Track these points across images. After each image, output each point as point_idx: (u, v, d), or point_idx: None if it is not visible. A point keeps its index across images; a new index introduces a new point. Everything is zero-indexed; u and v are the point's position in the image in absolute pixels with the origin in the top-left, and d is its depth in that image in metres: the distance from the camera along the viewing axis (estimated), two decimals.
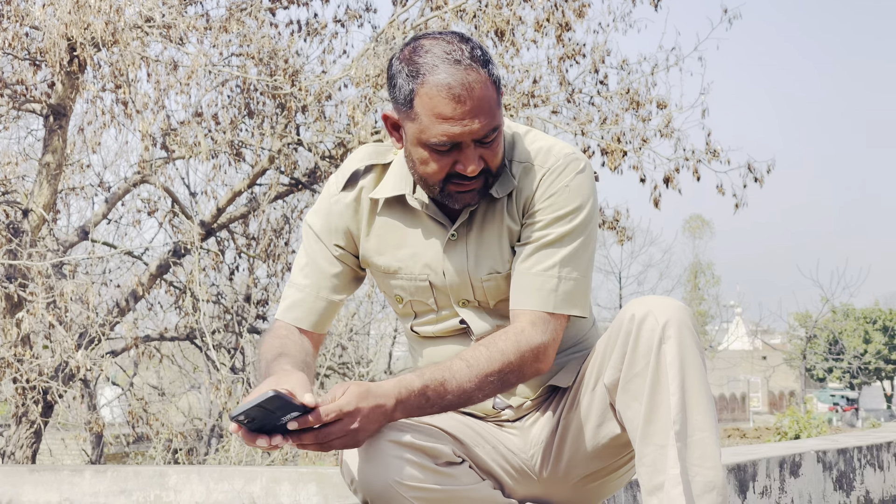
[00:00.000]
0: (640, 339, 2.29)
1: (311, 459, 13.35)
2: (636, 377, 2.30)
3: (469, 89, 2.30)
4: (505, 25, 10.11)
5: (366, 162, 2.54)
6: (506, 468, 2.52)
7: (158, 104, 10.12)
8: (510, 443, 2.55)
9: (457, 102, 2.29)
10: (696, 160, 11.04)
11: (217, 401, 11.56)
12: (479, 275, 2.49)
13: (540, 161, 2.47)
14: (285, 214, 12.35)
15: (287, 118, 10.53)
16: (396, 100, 2.38)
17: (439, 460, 2.32)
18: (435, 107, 2.30)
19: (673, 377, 2.27)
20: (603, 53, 11.08)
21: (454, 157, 2.34)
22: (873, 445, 5.96)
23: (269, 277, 12.55)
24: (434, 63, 2.32)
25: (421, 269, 2.51)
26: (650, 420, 2.29)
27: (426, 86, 2.31)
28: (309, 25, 11.33)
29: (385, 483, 2.25)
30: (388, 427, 2.27)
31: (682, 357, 2.28)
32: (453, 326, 2.54)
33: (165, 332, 12.18)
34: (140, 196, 11.94)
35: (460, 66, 2.31)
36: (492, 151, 2.36)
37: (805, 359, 45.08)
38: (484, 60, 2.35)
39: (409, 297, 2.55)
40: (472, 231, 2.49)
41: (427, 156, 2.35)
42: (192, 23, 9.82)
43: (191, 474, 5.05)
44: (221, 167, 11.18)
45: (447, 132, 2.31)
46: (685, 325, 2.29)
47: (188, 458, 12.05)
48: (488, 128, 2.33)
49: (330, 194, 2.55)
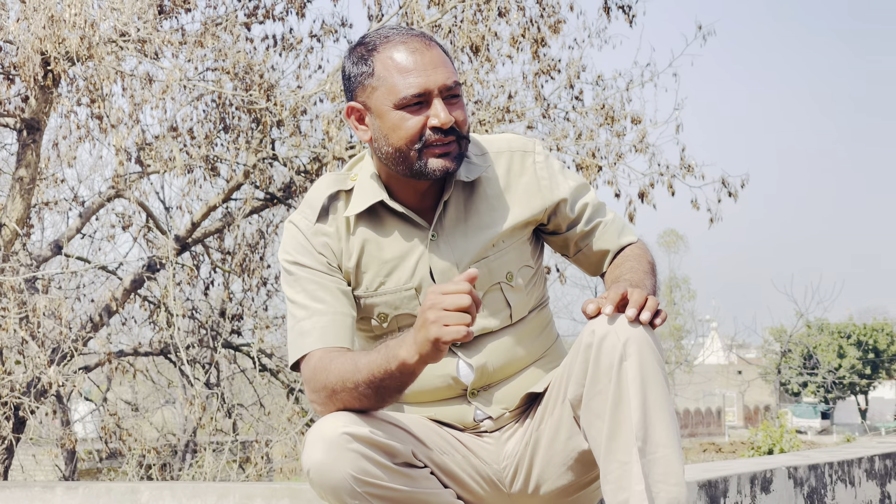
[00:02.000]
0: (601, 357, 2.29)
1: (286, 475, 13.32)
2: (598, 395, 2.31)
3: (424, 43, 2.44)
4: (480, 41, 10.13)
5: (331, 190, 2.55)
6: (475, 478, 2.53)
7: (133, 119, 10.10)
8: (484, 453, 2.55)
9: (416, 55, 2.42)
10: (671, 175, 11.08)
11: (191, 416, 11.52)
12: (467, 262, 2.53)
13: (497, 147, 2.60)
14: (260, 229, 12.32)
15: (262, 133, 10.53)
16: (359, 83, 2.47)
17: (397, 459, 2.32)
18: (397, 63, 2.42)
19: (634, 394, 2.27)
20: (578, 69, 11.12)
21: (425, 114, 2.41)
22: (844, 461, 5.98)
23: (244, 292, 12.52)
24: (384, 35, 2.47)
25: (406, 278, 2.51)
26: (613, 437, 2.29)
27: (383, 51, 2.44)
28: (284, 40, 11.33)
29: (339, 476, 2.25)
30: (349, 420, 2.28)
31: (643, 374, 2.28)
32: None
33: (139, 347, 12.12)
34: (114, 210, 11.88)
35: (407, 31, 2.47)
36: (458, 109, 2.45)
37: (780, 373, 45.25)
38: (432, 38, 2.48)
39: (394, 311, 2.54)
40: (451, 223, 2.53)
41: (398, 118, 2.42)
42: (168, 37, 9.80)
43: (163, 490, 5.02)
44: (196, 182, 11.16)
45: (413, 83, 2.40)
46: (646, 342, 2.29)
47: (161, 474, 11.99)
48: (451, 80, 2.43)
49: (304, 231, 2.53)
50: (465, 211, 2.53)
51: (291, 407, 12.28)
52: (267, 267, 12.61)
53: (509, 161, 2.57)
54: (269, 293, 12.85)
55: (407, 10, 10.45)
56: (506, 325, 2.56)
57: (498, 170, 2.57)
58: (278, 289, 13.02)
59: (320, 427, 2.30)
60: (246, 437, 12.56)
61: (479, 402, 2.56)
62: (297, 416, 12.19)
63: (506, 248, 2.55)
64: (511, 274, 2.56)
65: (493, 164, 2.57)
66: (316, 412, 2.45)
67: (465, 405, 2.56)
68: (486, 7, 10.35)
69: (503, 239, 2.54)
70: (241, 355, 13.01)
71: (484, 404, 2.56)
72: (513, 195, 2.56)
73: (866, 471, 6.23)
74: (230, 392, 13.18)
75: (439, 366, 2.50)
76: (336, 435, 2.25)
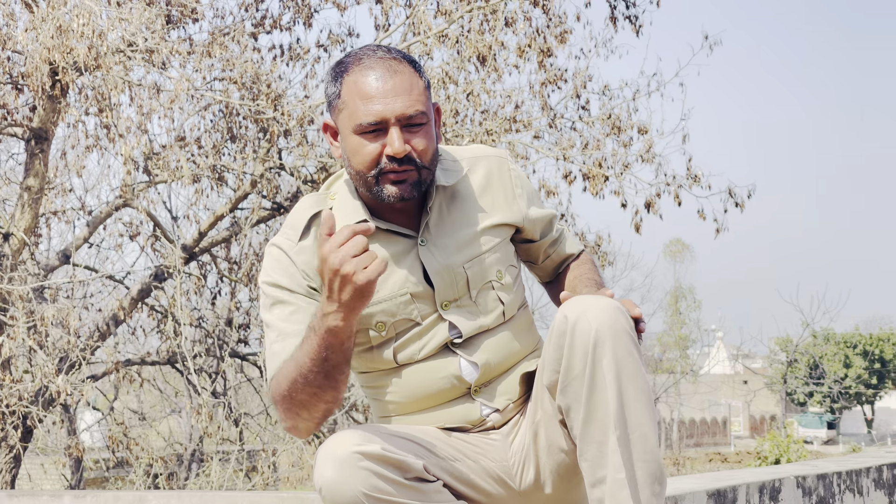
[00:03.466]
0: (575, 342, 2.35)
1: (292, 484, 13.31)
2: (574, 380, 2.36)
3: (389, 70, 2.44)
4: (487, 51, 10.15)
5: (312, 210, 2.57)
6: (488, 481, 2.54)
7: (141, 128, 10.12)
8: (493, 451, 2.57)
9: (378, 82, 2.42)
10: (678, 185, 11.08)
11: (198, 425, 11.53)
12: (460, 262, 2.55)
13: (472, 154, 2.66)
14: (267, 238, 12.34)
15: (269, 142, 10.54)
16: (330, 103, 2.51)
17: (408, 475, 2.33)
18: (359, 89, 2.43)
19: (611, 380, 2.32)
20: (585, 79, 11.13)
21: (382, 142, 2.43)
22: (853, 471, 5.98)
23: (250, 301, 12.53)
24: (358, 56, 2.49)
25: (400, 284, 2.53)
26: (589, 420, 2.35)
27: (351, 73, 2.46)
28: (291, 50, 11.35)
29: (352, 494, 2.26)
30: (361, 438, 2.30)
31: (617, 358, 2.33)
32: (438, 342, 2.55)
33: (147, 356, 12.13)
34: (122, 220, 11.91)
35: (383, 58, 2.47)
36: (419, 138, 2.45)
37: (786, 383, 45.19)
38: (409, 59, 2.49)
39: (392, 318, 2.55)
40: (436, 227, 2.56)
41: (358, 143, 2.44)
42: (175, 47, 9.83)
43: (171, 499, 5.03)
44: (203, 191, 11.17)
45: (370, 110, 2.41)
46: (619, 326, 2.35)
47: (168, 484, 12.00)
48: (412, 109, 2.43)
49: (286, 250, 2.54)
50: (448, 213, 2.57)
51: None
52: None
53: (488, 166, 2.64)
54: None
55: (414, 20, 10.48)
56: (500, 322, 2.60)
57: (477, 173, 2.63)
58: None
59: (331, 445, 2.31)
60: (252, 446, 12.57)
61: (483, 398, 2.58)
62: None
63: (493, 248, 2.60)
64: (500, 272, 2.60)
65: (470, 168, 2.63)
66: (292, 433, 2.48)
67: (471, 402, 2.58)
68: (493, 17, 10.36)
69: (489, 237, 2.59)
70: (248, 364, 13.02)
71: (488, 399, 2.58)
72: (493, 197, 2.62)
73: (874, 480, 6.22)
74: (237, 401, 13.20)
75: (442, 367, 2.54)
76: (347, 453, 2.27)
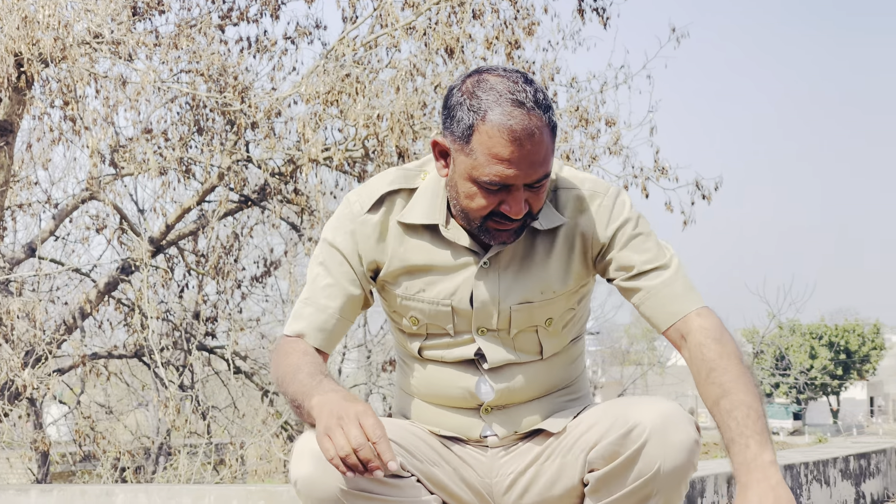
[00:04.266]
0: (637, 463, 2.32)
1: (260, 477, 13.27)
2: (616, 487, 2.36)
3: (529, 135, 2.28)
4: (455, 43, 10.13)
5: (394, 186, 2.51)
6: (463, 488, 2.52)
7: (107, 120, 10.05)
8: (476, 463, 2.55)
9: (515, 147, 2.27)
10: (645, 177, 11.12)
11: (165, 419, 11.47)
12: (509, 303, 2.48)
13: (589, 188, 2.49)
14: (235, 231, 12.30)
15: (236, 135, 10.50)
16: (452, 131, 2.35)
17: (385, 472, 2.33)
18: (493, 146, 2.28)
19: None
20: (552, 71, 11.14)
21: (501, 197, 2.33)
22: (819, 461, 6.02)
23: (218, 294, 12.49)
24: (497, 101, 2.30)
25: (446, 294, 2.49)
26: None
27: (487, 123, 2.29)
28: (258, 42, 11.30)
29: (330, 490, 2.26)
30: None
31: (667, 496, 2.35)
32: (464, 356, 2.52)
33: (114, 349, 12.07)
34: (88, 213, 11.83)
35: (523, 109, 2.29)
36: (537, 196, 2.36)
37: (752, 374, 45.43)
38: (546, 106, 2.32)
39: (427, 319, 2.53)
40: (505, 259, 2.49)
41: (474, 191, 2.34)
42: (142, 39, 9.77)
43: (138, 493, 5.01)
44: (170, 184, 11.11)
45: (500, 174, 2.29)
46: (685, 473, 2.35)
47: (136, 477, 11.94)
48: (540, 174, 2.32)
49: (353, 214, 2.51)
50: (525, 252, 2.49)
51: (266, 409, 12.27)
52: (241, 269, 12.58)
53: (598, 210, 2.48)
54: (244, 295, 12.83)
55: (381, 11, 10.45)
56: (535, 359, 2.56)
57: (580, 218, 2.48)
58: (252, 291, 13.00)
59: (309, 440, 2.31)
60: (220, 439, 12.53)
61: (490, 420, 2.55)
62: (272, 418, 12.18)
63: (551, 299, 2.51)
64: (551, 320, 2.53)
65: (575, 211, 2.49)
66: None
67: (477, 420, 2.55)
68: (461, 9, 10.36)
69: (554, 289, 2.50)
70: (216, 357, 12.98)
71: (496, 421, 2.55)
72: (581, 250, 2.49)
73: (841, 471, 6.26)
74: (204, 394, 13.14)
75: (461, 378, 2.51)
76: None
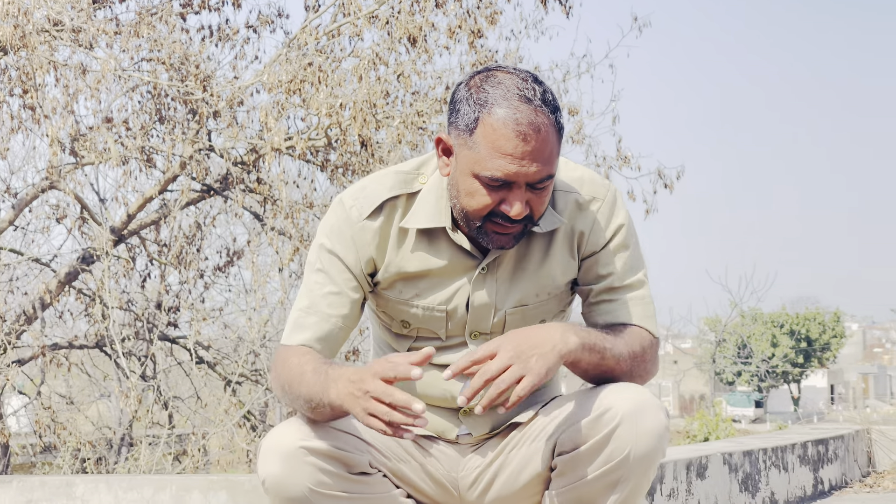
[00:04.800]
0: (609, 446, 2.30)
1: (223, 467, 13.23)
2: (580, 469, 2.34)
3: (535, 130, 2.25)
4: (418, 32, 10.13)
5: (395, 192, 2.47)
6: (429, 483, 2.52)
7: (67, 109, 9.98)
8: (443, 457, 2.55)
9: (520, 140, 2.24)
10: (608, 166, 11.17)
11: (127, 409, 11.42)
12: (505, 307, 2.48)
13: (588, 191, 2.47)
14: (197, 221, 12.24)
15: (198, 124, 10.44)
16: (457, 125, 2.32)
17: (353, 469, 2.32)
18: (497, 140, 2.26)
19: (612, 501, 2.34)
20: (515, 60, 11.15)
21: (502, 196, 2.30)
22: (778, 447, 6.07)
23: (180, 284, 12.43)
24: (505, 96, 2.28)
25: (442, 300, 2.47)
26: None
27: (492, 116, 2.26)
28: (221, 31, 11.24)
29: (298, 489, 2.26)
30: (307, 433, 2.28)
31: (633, 491, 2.34)
32: (450, 361, 2.47)
33: (74, 340, 11.99)
34: (48, 202, 11.74)
35: (531, 106, 2.27)
36: (539, 198, 2.32)
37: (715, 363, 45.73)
38: (554, 106, 2.30)
39: (419, 324, 2.51)
40: (503, 263, 2.47)
41: (476, 188, 2.30)
42: (102, 27, 9.70)
43: (99, 483, 4.98)
44: (132, 173, 11.03)
45: (503, 168, 2.26)
46: (655, 458, 2.33)
47: (97, 468, 11.88)
48: (544, 174, 2.28)
49: (352, 220, 2.45)
50: (522, 256, 2.48)
51: (228, 399, 12.23)
52: (204, 259, 12.53)
53: (594, 210, 2.48)
54: (207, 285, 12.78)
55: (344, 0, 10.43)
56: None
57: (577, 219, 2.47)
58: (215, 281, 12.95)
59: (277, 438, 2.30)
60: (183, 429, 12.49)
61: (468, 420, 2.55)
62: (234, 408, 12.15)
63: (547, 300, 2.51)
64: (544, 321, 2.52)
65: (572, 212, 2.47)
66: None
67: (454, 420, 2.55)
68: None
69: (550, 290, 2.50)
70: (178, 348, 12.93)
71: (472, 423, 2.55)
72: (571, 251, 2.49)
73: (799, 457, 6.32)
74: (166, 385, 13.09)
75: (443, 380, 2.48)
76: (293, 448, 2.26)
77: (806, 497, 6.38)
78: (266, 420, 13.23)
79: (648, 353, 2.44)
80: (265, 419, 13.11)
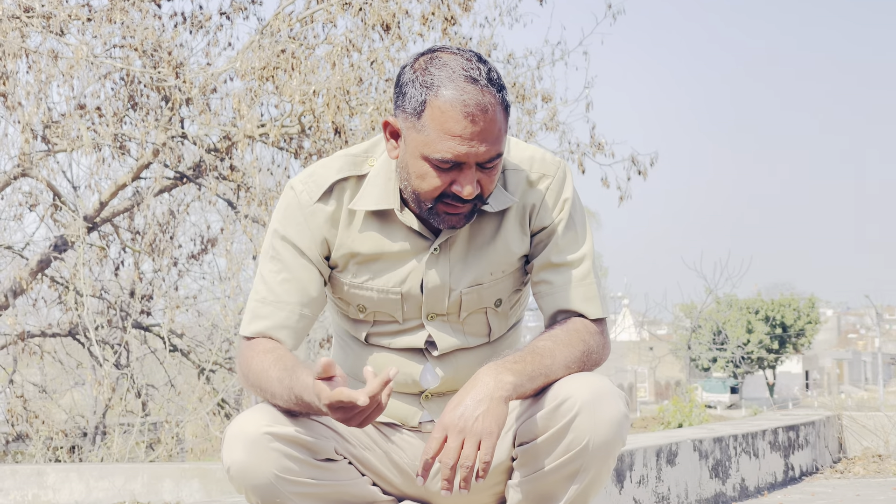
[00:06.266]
0: (568, 437, 2.30)
1: (197, 455, 13.22)
2: (540, 460, 2.34)
3: (482, 110, 2.26)
4: (391, 19, 10.12)
5: (343, 174, 2.48)
6: (392, 471, 2.52)
7: (39, 95, 9.92)
8: (407, 446, 2.55)
9: (468, 122, 2.26)
10: (581, 153, 11.20)
11: (101, 397, 11.39)
12: (460, 287, 2.47)
13: (538, 169, 2.47)
14: (171, 208, 12.20)
15: (171, 111, 10.41)
16: (404, 108, 2.33)
17: (318, 456, 2.32)
18: (445, 122, 2.27)
19: (573, 492, 2.34)
20: (489, 47, 11.17)
21: (452, 177, 2.30)
22: (749, 433, 6.10)
23: (154, 272, 12.40)
24: (451, 77, 2.29)
25: (396, 282, 2.47)
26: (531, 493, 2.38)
27: (440, 98, 2.27)
28: (193, 18, 11.20)
29: (264, 476, 2.25)
30: (272, 419, 2.27)
31: (593, 482, 2.34)
32: (413, 344, 2.50)
33: (48, 328, 11.95)
34: (21, 189, 11.68)
35: (477, 86, 2.28)
36: (489, 178, 2.33)
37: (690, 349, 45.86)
38: (499, 85, 2.31)
39: (375, 307, 2.50)
40: (455, 243, 2.47)
41: (426, 170, 2.31)
42: (74, 12, 9.65)
43: (70, 472, 4.98)
44: (105, 160, 10.99)
45: (453, 150, 2.27)
46: (615, 447, 2.33)
47: (70, 457, 11.85)
48: (493, 153, 2.29)
49: (302, 204, 2.46)
50: (474, 234, 2.48)
51: (202, 387, 12.21)
52: (178, 246, 12.49)
53: (543, 189, 2.48)
54: (180, 273, 12.74)
55: None
56: (483, 343, 2.55)
57: (527, 196, 2.48)
58: (189, 269, 12.92)
59: (241, 425, 2.29)
60: (157, 417, 12.46)
61: (430, 406, 2.55)
62: (209, 396, 12.13)
63: (501, 278, 2.51)
64: (500, 301, 2.53)
65: (524, 191, 2.48)
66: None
67: (416, 407, 2.54)
68: None
69: (504, 267, 2.50)
70: (152, 336, 12.89)
71: (433, 409, 2.54)
72: (523, 227, 2.49)
73: (770, 443, 6.36)
74: (140, 373, 13.05)
75: (405, 365, 2.49)
76: (258, 434, 2.25)
77: (777, 483, 6.41)
78: (241, 408, 13.20)
79: (594, 344, 2.46)
80: (240, 407, 13.08)
